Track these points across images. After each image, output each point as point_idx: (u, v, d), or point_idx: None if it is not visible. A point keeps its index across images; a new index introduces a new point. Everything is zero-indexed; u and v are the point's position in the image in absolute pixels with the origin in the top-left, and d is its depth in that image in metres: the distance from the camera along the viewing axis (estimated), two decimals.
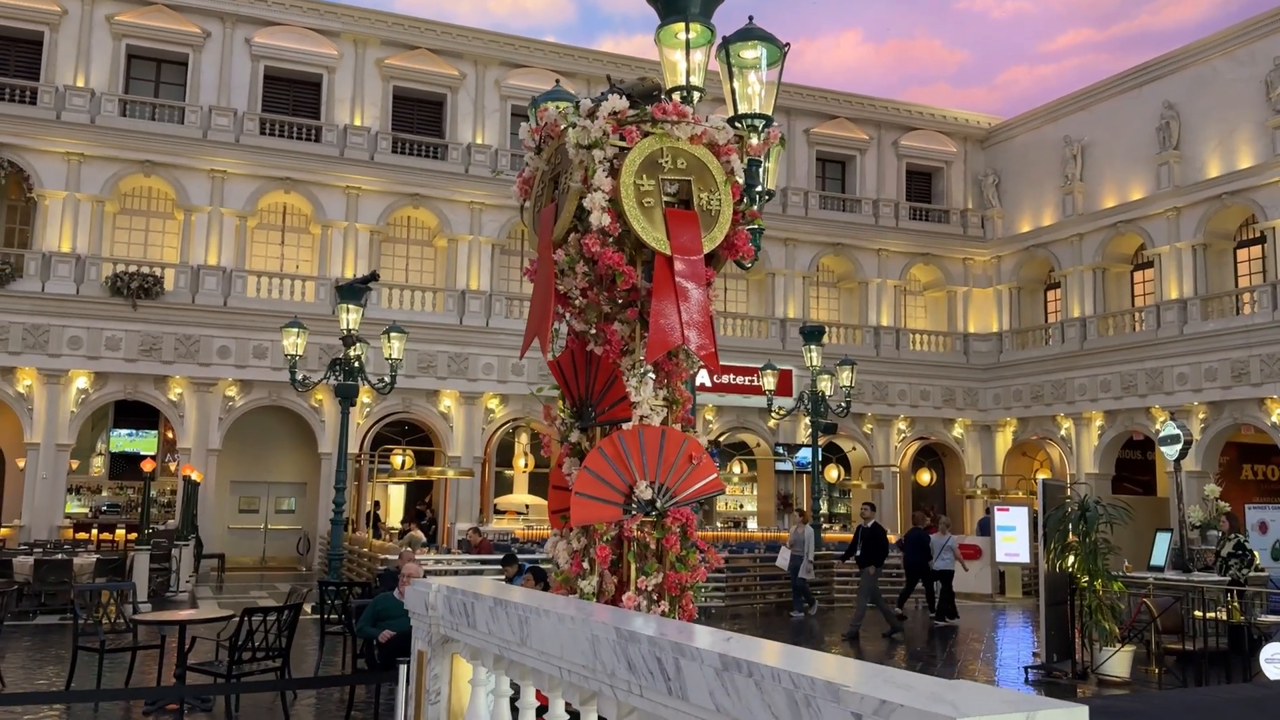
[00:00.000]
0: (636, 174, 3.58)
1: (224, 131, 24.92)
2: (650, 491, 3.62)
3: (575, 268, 3.62)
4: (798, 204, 30.29)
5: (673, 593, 3.66)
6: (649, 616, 2.81)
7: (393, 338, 15.40)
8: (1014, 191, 31.48)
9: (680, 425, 3.85)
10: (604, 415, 3.72)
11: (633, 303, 3.68)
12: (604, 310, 3.71)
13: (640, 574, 3.60)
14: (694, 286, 3.59)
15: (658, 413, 3.69)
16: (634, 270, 3.60)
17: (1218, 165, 25.03)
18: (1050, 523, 10.88)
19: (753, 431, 29.18)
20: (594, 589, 3.59)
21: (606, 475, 3.61)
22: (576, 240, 3.59)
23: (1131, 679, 10.75)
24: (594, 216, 3.47)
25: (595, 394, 3.76)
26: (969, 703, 1.53)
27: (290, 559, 26.00)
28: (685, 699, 2.05)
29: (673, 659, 2.09)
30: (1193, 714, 3.18)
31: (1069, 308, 28.86)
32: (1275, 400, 22.72)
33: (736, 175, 3.77)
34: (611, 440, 3.63)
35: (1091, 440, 27.41)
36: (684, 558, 3.67)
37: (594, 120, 3.58)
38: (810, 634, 15.63)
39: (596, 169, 3.51)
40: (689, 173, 3.68)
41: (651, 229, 3.55)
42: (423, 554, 16.41)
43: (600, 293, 3.68)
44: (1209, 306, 24.78)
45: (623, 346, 3.68)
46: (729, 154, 3.75)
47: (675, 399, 3.77)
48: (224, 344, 23.83)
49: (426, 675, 3.48)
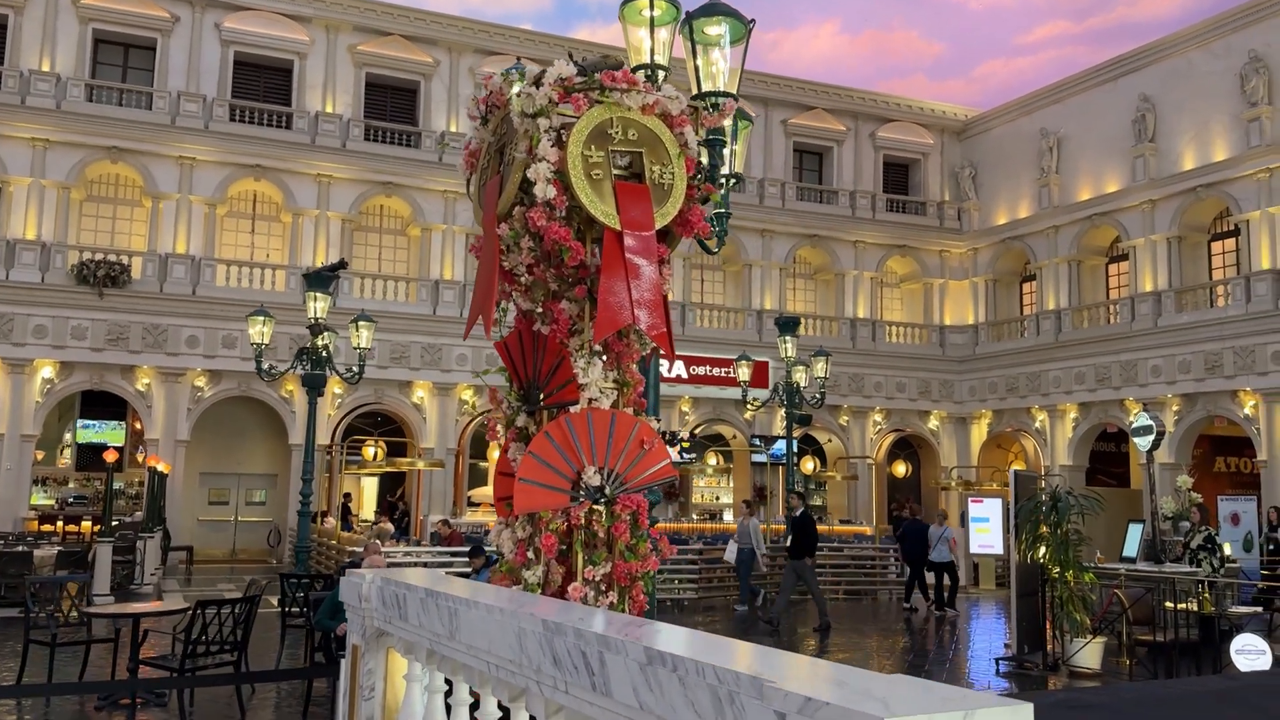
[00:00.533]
0: (585, 145, 3.42)
1: (193, 118, 24.52)
2: (599, 477, 3.46)
3: (520, 243, 3.46)
4: (775, 195, 30.18)
5: (622, 583, 3.50)
6: (588, 609, 2.66)
7: (361, 327, 15.17)
8: (990, 184, 31.50)
9: (632, 409, 3.69)
10: (551, 398, 3.56)
11: (582, 280, 3.52)
12: (551, 288, 3.55)
13: (588, 564, 3.45)
14: (645, 263, 3.44)
15: (608, 395, 3.53)
16: (582, 246, 3.44)
17: (1192, 158, 25.09)
18: (1022, 514, 10.82)
19: (729, 423, 29.08)
20: (539, 579, 3.43)
21: (553, 461, 3.44)
22: (521, 214, 3.43)
23: (1103, 670, 10.70)
24: (539, 188, 3.31)
25: (542, 376, 3.60)
26: (902, 701, 1.39)
27: (261, 551, 25.69)
28: (609, 695, 1.90)
29: (597, 653, 1.94)
30: (1157, 707, 3.06)
31: (1044, 300, 28.91)
32: (1248, 393, 22.82)
33: (691, 148, 3.60)
34: (559, 424, 3.47)
35: (1066, 432, 27.49)
36: (634, 547, 3.52)
37: (540, 88, 3.41)
38: (779, 628, 15.54)
39: (541, 138, 3.34)
40: (640, 145, 3.52)
41: (600, 202, 3.39)
42: (391, 546, 16.21)
43: (547, 269, 3.52)
44: (1183, 299, 24.87)
45: (571, 326, 3.52)
46: (682, 126, 3.58)
47: (626, 381, 3.61)
48: (193, 333, 23.47)
49: (360, 670, 3.31)
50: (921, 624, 16.48)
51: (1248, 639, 8.68)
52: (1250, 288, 22.98)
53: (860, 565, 20.69)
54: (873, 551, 21.31)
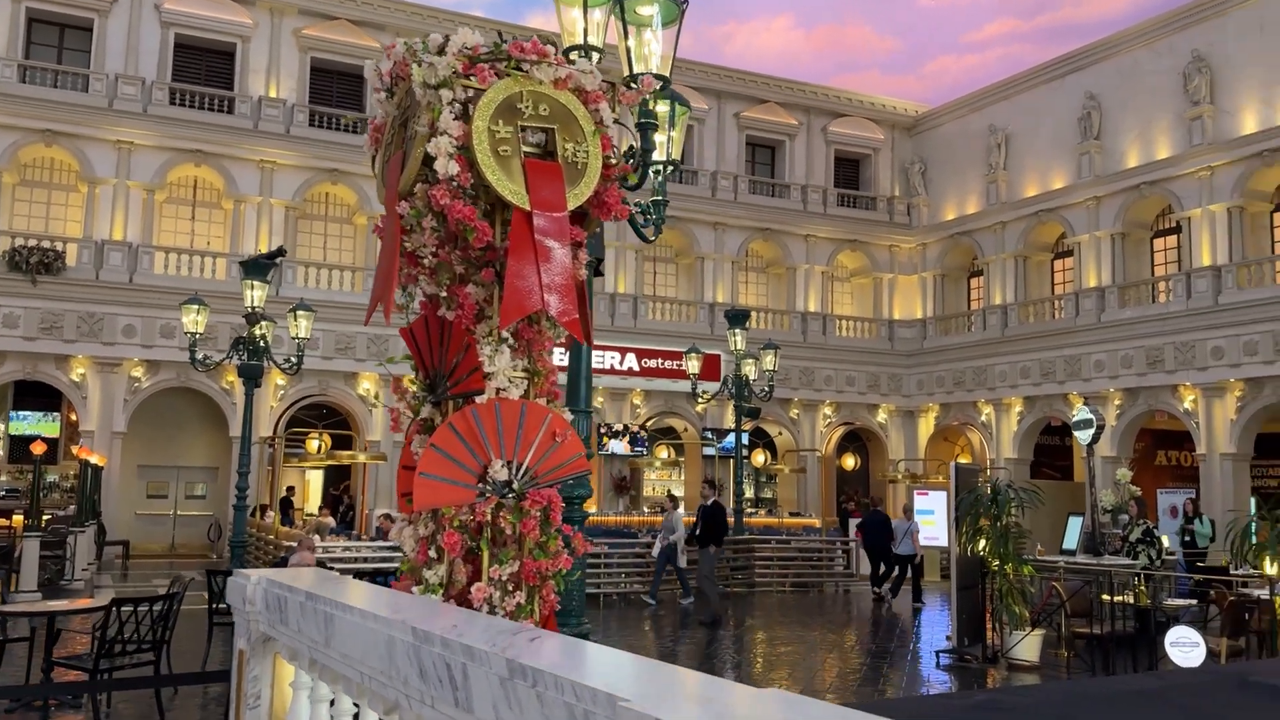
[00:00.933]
0: (492, 119, 3.22)
1: (131, 101, 23.84)
2: (507, 472, 3.28)
3: (423, 223, 3.26)
4: (727, 188, 30.13)
5: (531, 582, 3.32)
6: (469, 615, 2.48)
7: (300, 316, 14.80)
8: (940, 180, 31.72)
9: (546, 400, 3.51)
10: (456, 388, 3.37)
11: (490, 263, 3.32)
12: (457, 271, 3.35)
13: (494, 563, 3.26)
14: (557, 245, 3.26)
15: (517, 385, 3.34)
16: (490, 226, 3.25)
17: (1137, 155, 25.43)
18: (962, 506, 10.82)
19: (680, 416, 29.02)
20: (441, 579, 3.24)
21: (457, 454, 3.26)
22: (424, 192, 3.23)
23: (1041, 663, 10.75)
24: (440, 164, 3.11)
25: (448, 364, 3.40)
26: None
27: (202, 546, 25.13)
28: (470, 711, 1.73)
29: (461, 665, 1.77)
30: (1079, 707, 2.96)
31: (991, 295, 29.19)
32: (1188, 387, 23.20)
33: (607, 125, 3.42)
34: (464, 415, 3.28)
35: (1011, 426, 27.79)
36: (544, 544, 3.34)
37: (443, 57, 3.21)
38: (721, 618, 15.45)
39: (443, 110, 3.15)
40: (552, 121, 3.33)
41: (508, 180, 3.20)
42: (331, 541, 15.88)
43: (452, 251, 3.32)
44: (1126, 295, 25.21)
45: (477, 311, 3.32)
46: (598, 101, 3.40)
47: (538, 370, 3.42)
48: (129, 322, 22.85)
49: (246, 677, 3.10)
50: (870, 615, 16.52)
51: (1182, 632, 8.73)
52: (1191, 284, 23.35)
53: (807, 558, 20.72)
54: (819, 544, 21.36)
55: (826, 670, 11.42)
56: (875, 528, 18.69)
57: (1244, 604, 9.67)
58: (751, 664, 11.89)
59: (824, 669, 11.51)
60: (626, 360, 27.61)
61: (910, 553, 18.21)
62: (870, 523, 19.04)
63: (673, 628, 14.78)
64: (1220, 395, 22.60)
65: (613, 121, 3.45)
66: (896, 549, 18.26)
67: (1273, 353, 21.35)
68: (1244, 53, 23.11)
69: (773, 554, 20.10)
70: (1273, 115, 22.42)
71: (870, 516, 19.38)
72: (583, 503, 6.17)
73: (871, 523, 18.98)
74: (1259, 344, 21.62)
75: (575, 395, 6.14)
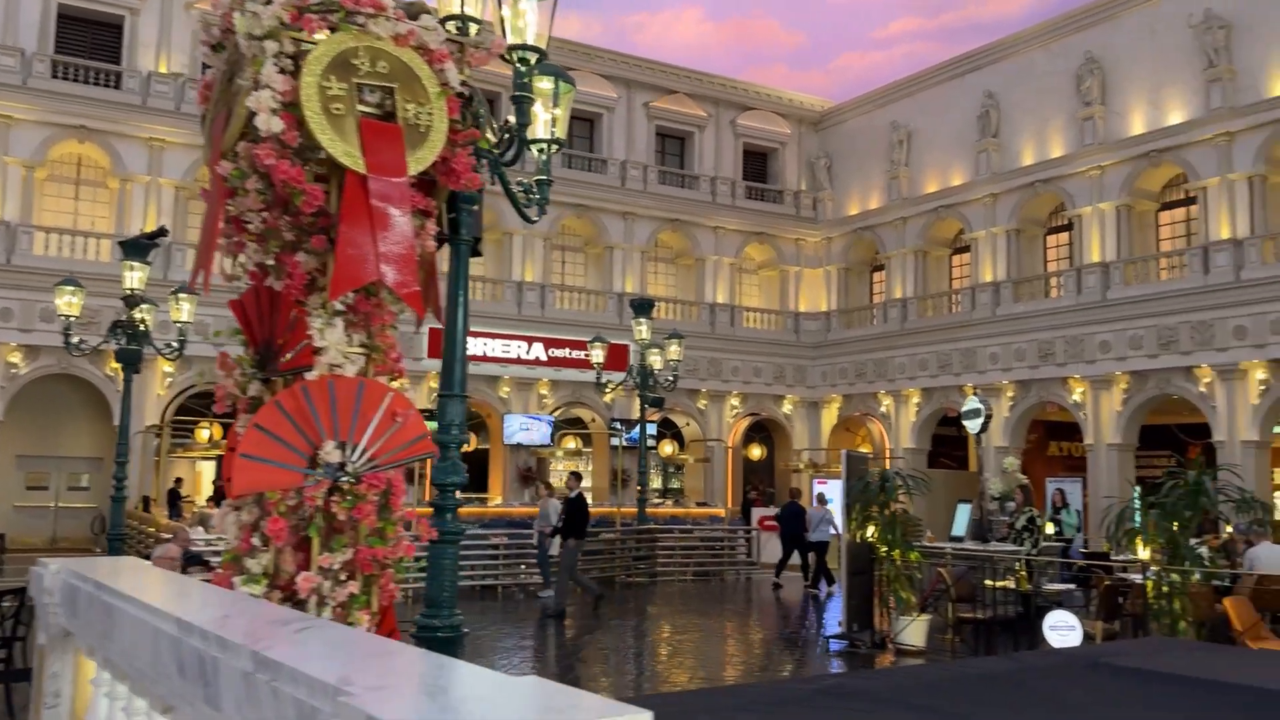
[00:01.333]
0: (323, 74, 3.01)
1: (9, 73, 22.58)
2: (340, 454, 3.08)
3: (246, 184, 3.04)
4: (637, 178, 30.04)
5: (367, 570, 3.14)
6: (254, 604, 2.29)
7: (181, 299, 14.20)
8: (844, 175, 32.17)
9: (389, 378, 3.32)
10: (286, 363, 3.16)
11: (323, 229, 3.12)
12: (287, 238, 3.13)
13: (324, 550, 3.07)
14: (396, 212, 3.07)
15: (353, 361, 3.14)
16: (321, 190, 3.04)
17: (1031, 154, 26.14)
18: (852, 494, 10.93)
19: (589, 407, 28.85)
20: (265, 568, 3.03)
21: (285, 434, 3.05)
22: (247, 150, 3.00)
23: (928, 648, 10.93)
24: (260, 120, 2.89)
25: (277, 339, 3.19)
26: (508, 710, 1.09)
27: (84, 539, 24.02)
28: (219, 709, 1.55)
29: (214, 658, 1.59)
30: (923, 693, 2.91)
31: (892, 289, 29.73)
32: (1077, 380, 23.96)
33: (454, 87, 3.24)
34: (292, 393, 3.07)
35: (910, 416, 28.36)
36: (382, 531, 3.16)
37: (268, 6, 2.99)
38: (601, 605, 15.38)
39: (266, 62, 2.93)
40: (392, 79, 3.14)
41: (340, 141, 3.00)
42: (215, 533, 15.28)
43: (281, 216, 3.11)
44: (1020, 290, 25.91)
45: (308, 281, 3.12)
46: (443, 61, 3.22)
47: (376, 346, 3.23)
48: (6, 305, 21.70)
49: (45, 674, 2.84)
50: (771, 602, 16.63)
51: (1060, 615, 8.94)
52: (1081, 280, 24.11)
53: (710, 547, 20.81)
54: (722, 533, 21.48)
55: (719, 658, 11.42)
56: (791, 517, 18.85)
57: (1119, 588, 9.96)
58: (649, 653, 11.82)
59: (717, 656, 11.51)
60: (534, 350, 27.33)
61: (824, 539, 18.44)
62: (786, 513, 19.21)
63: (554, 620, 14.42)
64: (1107, 388, 23.40)
65: (459, 84, 3.27)
66: (810, 537, 18.45)
67: (1156, 347, 22.18)
68: (1134, 56, 23.91)
69: (675, 543, 20.12)
70: (1160, 117, 23.26)
71: (786, 507, 19.58)
72: (456, 489, 5.99)
73: (787, 513, 19.15)
74: (1144, 338, 22.44)
75: (450, 379, 5.94)
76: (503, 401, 27.14)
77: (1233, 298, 20.89)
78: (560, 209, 28.57)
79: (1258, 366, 20.68)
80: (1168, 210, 24.51)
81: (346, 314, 3.13)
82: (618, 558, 18.76)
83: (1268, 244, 20.89)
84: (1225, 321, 20.95)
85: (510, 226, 27.29)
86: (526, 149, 5.68)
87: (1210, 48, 22.08)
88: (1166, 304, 22.07)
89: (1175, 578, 8.65)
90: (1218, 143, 21.81)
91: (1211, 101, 22.02)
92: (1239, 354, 20.74)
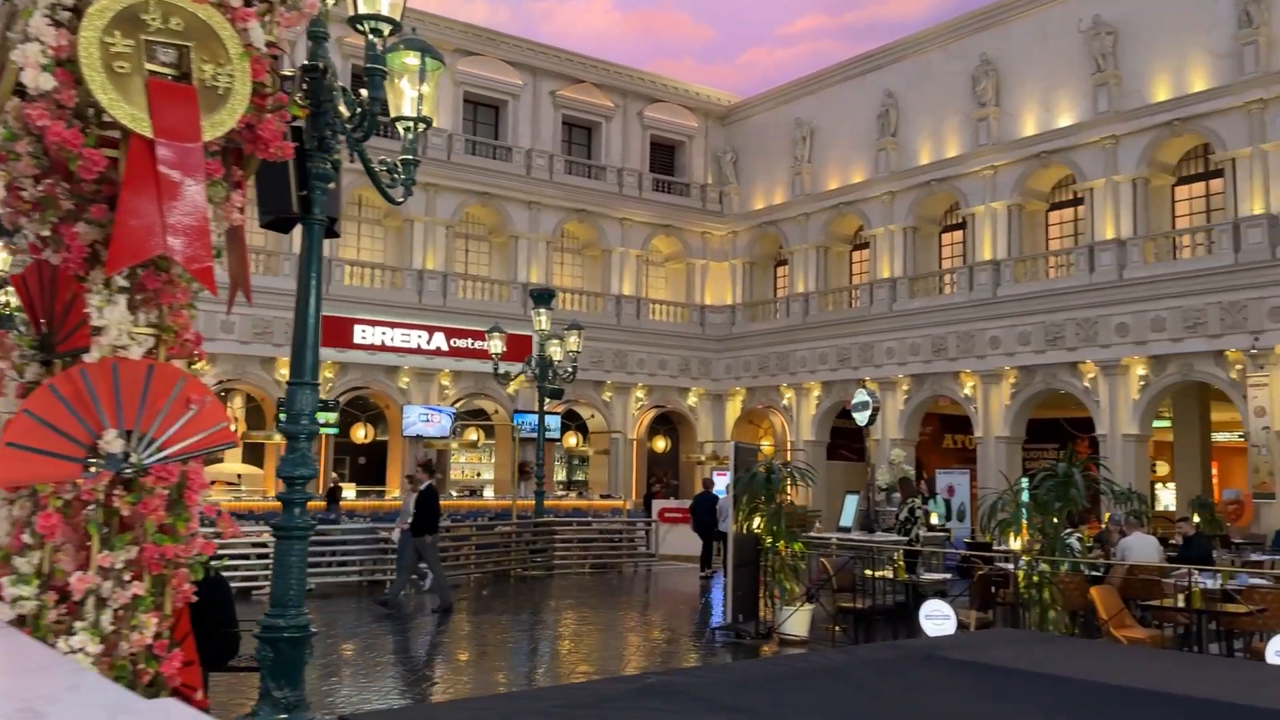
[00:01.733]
0: (106, 29, 2.76)
1: None
2: (123, 443, 2.83)
3: (17, 147, 2.77)
4: (543, 167, 29.74)
5: (155, 570, 2.89)
6: None
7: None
8: (750, 169, 32.40)
9: (185, 362, 3.08)
10: (64, 344, 2.90)
11: (109, 199, 2.87)
12: (65, 207, 2.87)
13: (104, 548, 2.82)
14: (188, 181, 2.83)
15: (139, 342, 2.90)
16: (101, 155, 2.79)
17: (929, 153, 26.67)
18: (739, 485, 10.95)
19: (491, 398, 28.49)
20: (34, 568, 2.78)
21: (60, 421, 2.79)
22: (17, 109, 2.74)
23: (811, 637, 11.01)
24: (28, 77, 2.62)
25: (56, 317, 2.92)
26: None
27: None
28: None
29: None
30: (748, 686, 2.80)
31: (795, 284, 30.06)
32: (968, 374, 24.56)
33: (258, 48, 3.01)
34: (69, 376, 2.81)
35: (810, 410, 28.74)
36: (171, 527, 2.92)
37: None
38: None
39: (35, 14, 2.66)
40: (188, 37, 2.89)
41: (124, 102, 2.75)
42: None
43: (59, 183, 2.84)
44: (915, 286, 26.44)
45: (89, 255, 2.86)
46: (246, 20, 2.98)
47: (168, 326, 2.99)
48: None
49: None
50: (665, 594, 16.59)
51: (935, 605, 9.07)
52: (973, 276, 24.70)
53: (609, 539, 20.72)
54: (621, 525, 21.42)
55: (601, 651, 11.32)
56: (703, 508, 18.86)
57: (992, 577, 10.17)
58: (528, 649, 11.65)
59: (600, 650, 11.40)
60: (435, 340, 26.86)
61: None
62: (699, 503, 19.25)
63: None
64: (997, 382, 24.04)
65: (264, 44, 3.04)
66: (721, 527, 18.45)
67: (1044, 343, 22.85)
68: (1027, 59, 24.57)
69: (573, 535, 19.98)
70: (1051, 119, 23.93)
71: (699, 497, 19.58)
72: (305, 483, 5.73)
73: (700, 503, 19.17)
74: (1032, 334, 23.10)
75: (300, 365, 5.68)
76: (402, 392, 26.61)
77: (1116, 296, 21.62)
78: (464, 196, 28.14)
79: (1138, 362, 21.46)
80: (1057, 210, 25.28)
81: (131, 291, 2.88)
82: (513, 551, 18.53)
83: (1149, 244, 21.69)
84: (1109, 319, 21.69)
85: (411, 213, 26.75)
86: (381, 126, 5.44)
87: (1098, 53, 22.80)
88: (1054, 301, 22.76)
89: (1045, 567, 8.84)
90: (1104, 145, 22.55)
91: (1099, 105, 22.74)
92: (1121, 350, 21.49)
